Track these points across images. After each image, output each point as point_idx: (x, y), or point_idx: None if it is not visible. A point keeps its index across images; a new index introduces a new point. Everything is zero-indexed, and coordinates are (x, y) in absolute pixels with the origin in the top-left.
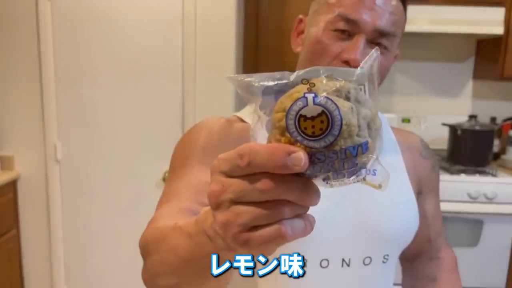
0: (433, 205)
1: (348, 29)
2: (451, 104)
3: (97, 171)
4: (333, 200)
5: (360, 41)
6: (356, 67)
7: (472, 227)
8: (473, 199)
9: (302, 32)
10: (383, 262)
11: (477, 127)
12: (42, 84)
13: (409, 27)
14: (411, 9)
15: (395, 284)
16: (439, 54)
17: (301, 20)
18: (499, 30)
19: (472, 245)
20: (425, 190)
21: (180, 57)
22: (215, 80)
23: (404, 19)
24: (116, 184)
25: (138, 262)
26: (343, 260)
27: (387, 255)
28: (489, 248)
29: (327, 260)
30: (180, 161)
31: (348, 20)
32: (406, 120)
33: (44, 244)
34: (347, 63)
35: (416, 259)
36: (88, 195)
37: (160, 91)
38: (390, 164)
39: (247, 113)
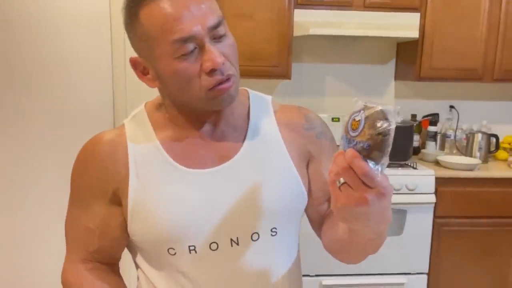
0: (327, 166)
1: (192, 48)
2: None
3: (24, 177)
4: (212, 186)
5: (209, 47)
6: (219, 69)
7: (396, 217)
8: (396, 191)
9: (144, 69)
10: (272, 235)
11: (399, 124)
12: None
13: (336, 31)
14: (337, 14)
15: (318, 275)
16: (364, 56)
17: (135, 61)
18: (415, 34)
19: (397, 234)
20: (316, 156)
21: (110, 56)
22: None
23: None
24: (45, 188)
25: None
26: (231, 240)
27: (275, 228)
28: (412, 235)
29: (216, 243)
30: (72, 196)
31: (184, 40)
32: (336, 119)
33: None
34: (212, 71)
35: (325, 213)
36: (12, 204)
37: (89, 92)
38: (268, 142)
39: (129, 119)
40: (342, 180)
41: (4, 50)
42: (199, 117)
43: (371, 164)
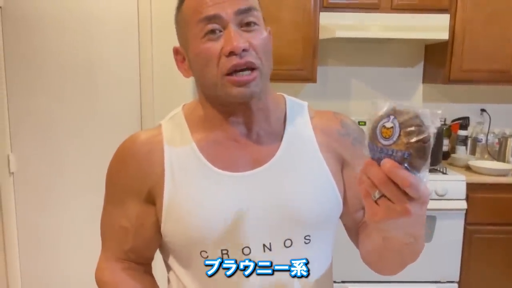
0: None
1: (216, 28)
2: None
3: (54, 182)
4: (246, 190)
5: (231, 30)
6: (239, 54)
7: (425, 223)
8: None
9: (183, 59)
10: (305, 243)
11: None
12: None
13: (363, 34)
14: (364, 16)
15: (345, 282)
16: (391, 59)
17: (177, 50)
18: (444, 35)
19: (426, 241)
20: (351, 162)
21: (137, 61)
22: (172, 84)
23: None
24: (73, 194)
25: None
26: (264, 245)
27: (308, 236)
28: (442, 243)
29: (248, 247)
30: (108, 194)
31: (209, 19)
32: (362, 123)
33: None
34: (232, 53)
35: (361, 221)
36: (44, 206)
37: (117, 97)
38: (304, 148)
39: (166, 120)
40: (377, 193)
41: (34, 55)
42: (229, 113)
43: (413, 173)
